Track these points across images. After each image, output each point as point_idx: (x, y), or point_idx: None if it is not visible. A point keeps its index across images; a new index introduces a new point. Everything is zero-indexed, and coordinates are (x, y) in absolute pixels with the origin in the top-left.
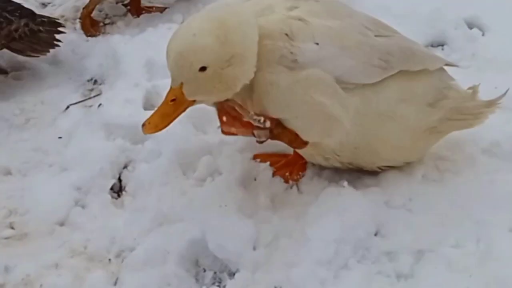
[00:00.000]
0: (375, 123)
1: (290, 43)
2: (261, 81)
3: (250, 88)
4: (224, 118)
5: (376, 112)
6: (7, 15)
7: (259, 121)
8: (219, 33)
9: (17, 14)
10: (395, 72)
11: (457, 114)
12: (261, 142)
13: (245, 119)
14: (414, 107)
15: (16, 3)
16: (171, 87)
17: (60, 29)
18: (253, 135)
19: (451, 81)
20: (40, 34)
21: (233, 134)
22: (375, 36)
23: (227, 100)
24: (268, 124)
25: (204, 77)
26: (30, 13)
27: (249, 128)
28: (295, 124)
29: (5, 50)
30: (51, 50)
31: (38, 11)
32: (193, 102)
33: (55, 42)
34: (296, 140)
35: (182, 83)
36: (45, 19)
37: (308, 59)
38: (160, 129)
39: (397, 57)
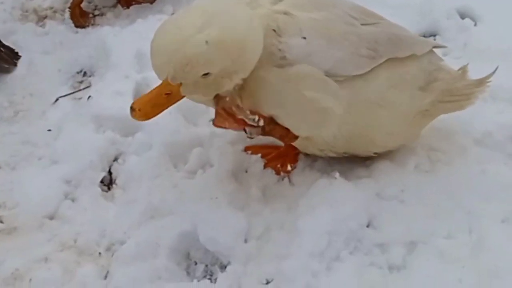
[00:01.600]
0: (368, 113)
1: (277, 40)
2: (251, 79)
3: (240, 85)
4: (219, 112)
5: (368, 102)
6: None
7: (253, 120)
8: (231, 49)
9: None
10: (383, 60)
11: (449, 95)
12: (252, 138)
13: (239, 117)
14: (406, 93)
15: None
16: (167, 81)
17: (16, 59)
18: (245, 131)
19: (440, 62)
20: (1, 54)
21: (224, 127)
22: (361, 24)
23: (223, 97)
24: (261, 122)
25: (203, 81)
26: None
27: (241, 125)
28: (287, 120)
29: None
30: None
31: (27, 2)
32: (184, 96)
33: (14, 61)
34: (287, 135)
35: (181, 83)
36: (5, 45)
37: (296, 55)
38: (149, 118)
39: (384, 45)
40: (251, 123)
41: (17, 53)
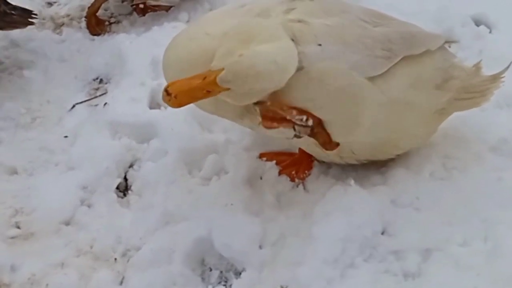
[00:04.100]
0: (388, 115)
1: None
2: None
3: None
4: (264, 114)
5: (387, 104)
6: None
7: (301, 119)
8: (288, 74)
9: None
10: (399, 59)
11: (464, 92)
12: (299, 137)
13: (287, 118)
14: (423, 92)
15: None
16: (215, 81)
17: (32, 18)
18: (294, 129)
19: (454, 58)
20: (13, 17)
21: (274, 127)
22: (374, 27)
23: (264, 102)
24: (310, 122)
25: (248, 92)
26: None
27: (290, 123)
28: (322, 114)
29: None
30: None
31: (44, 10)
32: None
33: (30, 20)
34: (330, 142)
35: (229, 88)
36: (17, 7)
37: (313, 62)
38: (181, 107)
39: (398, 43)
40: (299, 123)
41: (31, 11)
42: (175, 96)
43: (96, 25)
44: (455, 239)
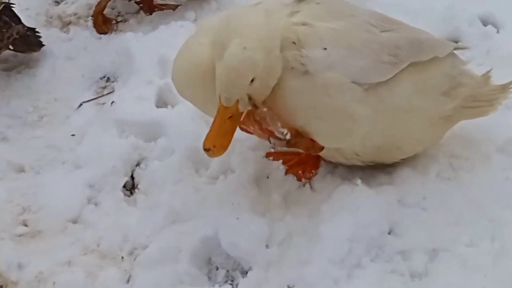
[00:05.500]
0: (393, 120)
1: (299, 53)
2: (277, 91)
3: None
4: (247, 116)
5: (393, 109)
6: (7, 19)
7: (282, 133)
8: (265, 43)
9: (14, 20)
10: (406, 65)
11: (472, 101)
12: (274, 147)
13: (269, 128)
14: (429, 98)
15: (11, 10)
16: (224, 107)
17: (37, 34)
18: (269, 141)
19: (463, 66)
20: (29, 38)
21: (249, 132)
22: (381, 31)
23: (260, 108)
24: (288, 136)
25: (252, 88)
26: (19, 19)
27: (266, 134)
28: (314, 130)
29: None
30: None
31: (51, 9)
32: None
33: (41, 42)
34: (313, 147)
35: (237, 100)
36: (26, 27)
37: (318, 67)
38: (226, 149)
39: (406, 49)
40: (279, 136)
41: (33, 29)
42: (214, 145)
43: (103, 23)
44: (462, 239)
